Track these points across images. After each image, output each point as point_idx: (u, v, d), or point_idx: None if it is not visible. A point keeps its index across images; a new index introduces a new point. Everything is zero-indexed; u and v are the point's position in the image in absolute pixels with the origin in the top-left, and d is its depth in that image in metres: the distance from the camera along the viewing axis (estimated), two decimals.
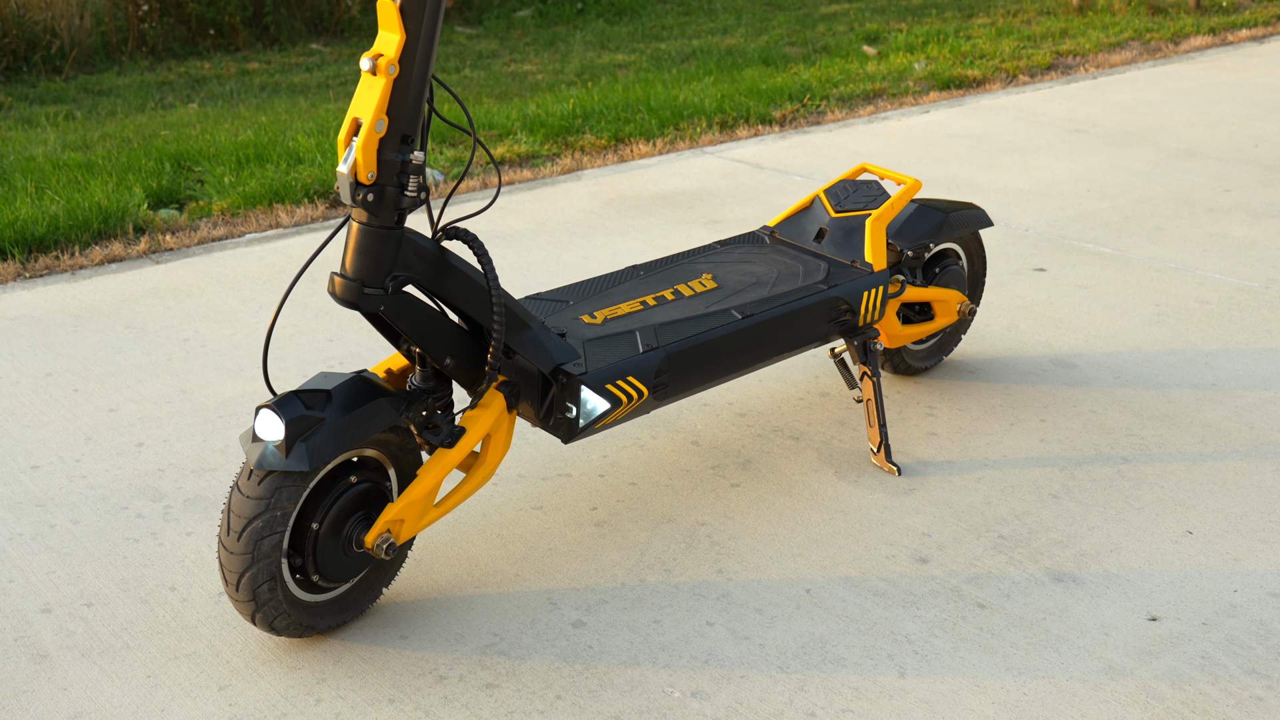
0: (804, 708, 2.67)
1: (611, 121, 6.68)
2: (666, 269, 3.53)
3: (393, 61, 2.56)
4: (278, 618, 2.72)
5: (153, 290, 4.65)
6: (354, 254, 2.68)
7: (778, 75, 7.83)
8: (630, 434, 3.69)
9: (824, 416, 3.80)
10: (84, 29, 10.20)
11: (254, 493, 2.65)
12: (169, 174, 5.86)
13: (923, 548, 3.19)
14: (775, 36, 9.75)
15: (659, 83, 7.70)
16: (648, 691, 2.71)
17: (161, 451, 3.58)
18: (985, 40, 8.84)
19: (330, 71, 9.81)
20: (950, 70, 7.82)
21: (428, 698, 2.69)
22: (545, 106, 7.06)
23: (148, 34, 10.54)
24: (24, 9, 9.90)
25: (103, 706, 2.64)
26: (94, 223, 5.15)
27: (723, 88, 7.44)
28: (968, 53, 8.39)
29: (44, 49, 10.12)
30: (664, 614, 2.96)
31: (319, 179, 5.72)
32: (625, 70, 8.85)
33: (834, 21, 10.49)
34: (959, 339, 4.08)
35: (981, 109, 7.09)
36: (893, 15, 10.60)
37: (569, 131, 6.56)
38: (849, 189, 3.72)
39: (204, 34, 10.75)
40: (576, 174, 6.01)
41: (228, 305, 4.51)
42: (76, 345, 4.19)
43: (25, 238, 5.00)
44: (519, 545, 3.20)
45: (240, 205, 5.45)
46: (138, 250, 5.02)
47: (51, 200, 5.35)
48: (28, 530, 3.23)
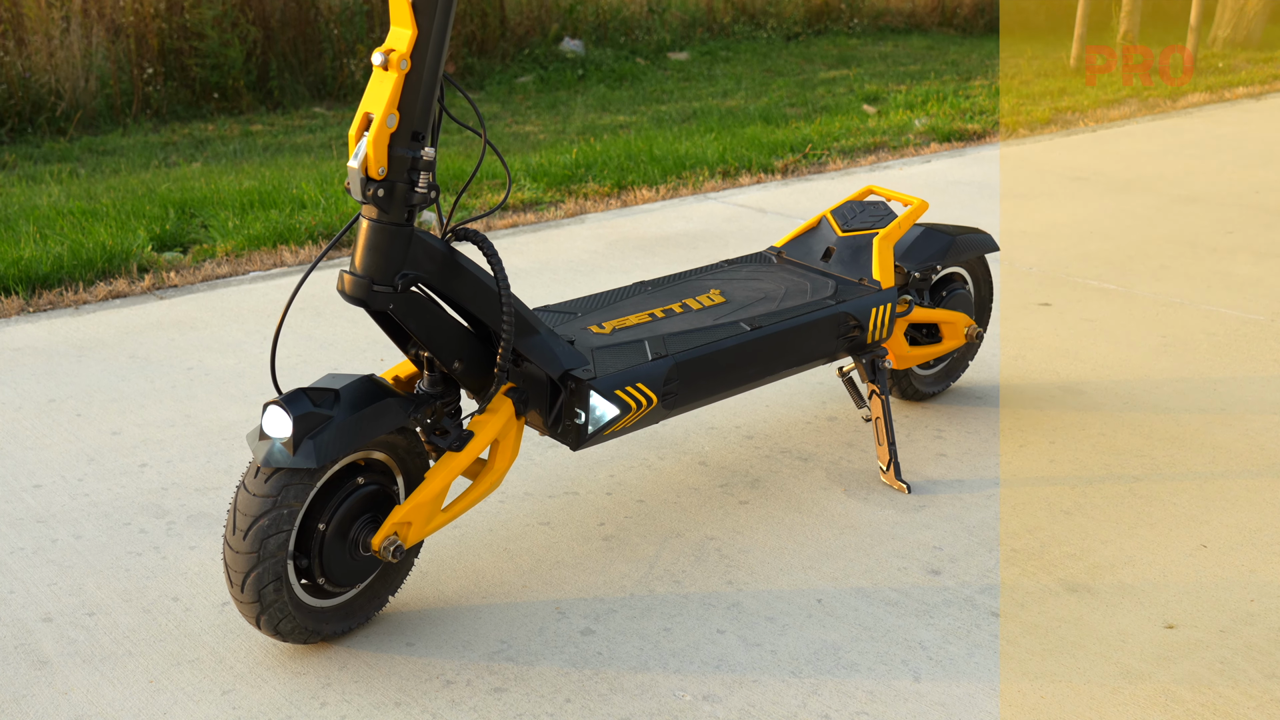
0: (818, 710, 2.62)
1: (614, 170, 6.71)
2: (674, 285, 3.52)
3: (404, 56, 2.56)
4: (283, 620, 2.68)
5: (156, 323, 4.64)
6: (364, 251, 2.67)
7: (779, 131, 7.88)
8: (637, 454, 3.66)
9: (832, 439, 3.77)
10: (89, 91, 10.28)
11: (260, 491, 2.62)
12: (173, 219, 5.87)
13: (935, 560, 3.16)
14: (775, 98, 9.82)
15: (660, 137, 7.75)
16: (658, 695, 2.67)
17: (165, 471, 3.55)
18: (984, 98, 8.92)
19: (333, 133, 9.87)
20: (950, 124, 7.88)
21: (435, 701, 2.64)
22: (548, 157, 7.09)
23: (152, 97, 10.61)
24: (29, 71, 9.98)
25: (104, 710, 2.59)
26: (98, 262, 5.14)
27: (724, 141, 7.48)
28: (967, 109, 8.45)
29: (49, 110, 10.18)
30: (674, 622, 2.92)
31: (324, 222, 5.73)
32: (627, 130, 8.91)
33: (833, 85, 10.57)
34: (966, 365, 4.07)
35: (982, 159, 7.13)
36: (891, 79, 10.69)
37: (572, 180, 6.59)
38: (856, 209, 3.72)
39: (208, 97, 10.82)
40: (580, 217, 6.02)
41: (231, 337, 4.49)
42: (80, 374, 4.17)
43: (29, 276, 5.00)
44: (526, 558, 3.16)
45: (244, 246, 5.46)
46: (141, 287, 5.01)
47: (56, 242, 5.35)
48: (29, 545, 3.19)
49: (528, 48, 11.96)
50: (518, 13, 11.93)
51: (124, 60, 10.45)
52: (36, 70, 9.97)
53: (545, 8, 12.24)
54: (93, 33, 10.36)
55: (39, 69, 9.96)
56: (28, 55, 10.05)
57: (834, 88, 10.43)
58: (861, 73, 11.17)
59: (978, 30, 13.55)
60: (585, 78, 11.76)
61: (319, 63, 11.24)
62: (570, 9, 12.31)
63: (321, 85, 11.25)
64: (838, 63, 11.75)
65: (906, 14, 13.61)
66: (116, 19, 10.49)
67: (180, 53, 10.67)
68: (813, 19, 13.21)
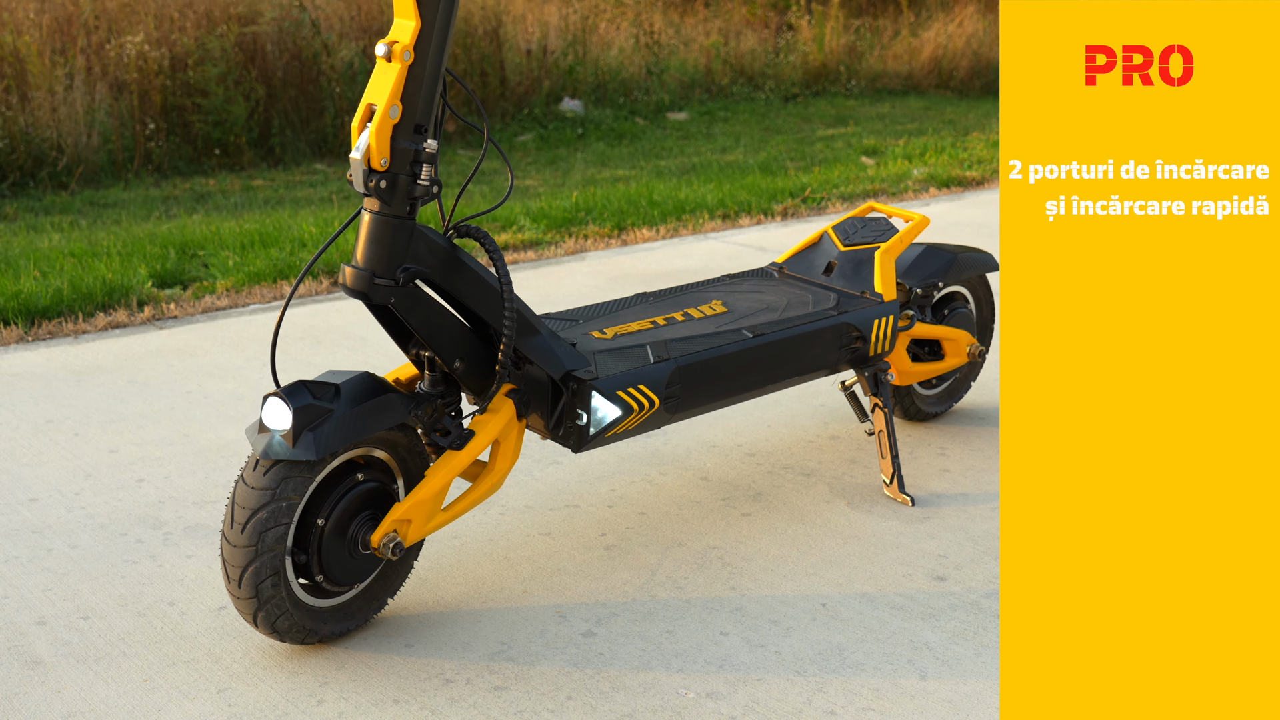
0: (823, 707, 2.58)
1: (614, 214, 6.72)
2: (675, 296, 3.51)
3: (408, 48, 2.57)
4: (280, 618, 2.64)
5: (155, 351, 4.62)
6: (365, 243, 2.66)
7: (778, 180, 7.91)
8: (638, 470, 3.63)
9: (834, 455, 3.74)
10: (91, 146, 10.33)
11: (259, 483, 2.59)
12: (174, 258, 5.86)
13: (940, 568, 3.12)
14: (774, 153, 9.87)
15: (660, 185, 7.78)
16: (661, 693, 2.62)
17: (162, 486, 3.52)
18: (983, 149, 8.97)
19: (334, 187, 9.91)
20: (948, 172, 7.91)
21: (434, 699, 2.60)
22: (548, 202, 7.12)
23: (154, 152, 10.66)
24: (32, 126, 10.03)
25: (97, 707, 2.55)
26: (98, 296, 5.14)
27: (724, 188, 7.51)
28: (965, 159, 8.49)
29: (50, 165, 10.23)
30: (676, 625, 2.88)
31: (324, 261, 5.73)
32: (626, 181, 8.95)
33: (832, 140, 10.64)
34: (969, 386, 4.05)
35: (981, 202, 7.15)
36: (889, 135, 10.75)
37: (572, 222, 6.61)
38: (857, 225, 3.72)
39: (210, 153, 10.87)
40: (580, 255, 6.03)
41: (231, 364, 4.47)
42: (78, 396, 4.15)
43: (29, 308, 4.99)
44: (526, 566, 3.13)
45: (245, 282, 5.46)
46: (141, 318, 5.00)
47: (56, 278, 5.35)
48: (24, 554, 3.16)
49: (527, 107, 12.04)
50: (517, 73, 12.02)
51: (127, 116, 10.51)
52: (39, 125, 10.03)
53: (545, 68, 12.33)
54: (96, 89, 10.43)
55: (42, 124, 10.02)
56: (31, 110, 10.11)
57: (832, 143, 10.49)
58: (860, 129, 11.24)
59: (974, 92, 13.65)
60: (584, 136, 11.82)
61: (320, 120, 11.30)
62: (570, 70, 12.40)
63: (323, 142, 11.31)
64: (835, 121, 11.82)
65: (904, 76, 13.71)
66: (120, 76, 10.56)
67: (183, 109, 10.72)
68: (810, 80, 13.30)
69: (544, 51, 12.36)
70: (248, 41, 11.08)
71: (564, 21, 12.64)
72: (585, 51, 12.67)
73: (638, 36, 12.65)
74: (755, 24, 14.43)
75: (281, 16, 11.11)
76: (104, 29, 10.91)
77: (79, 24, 10.92)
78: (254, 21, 11.19)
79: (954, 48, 13.96)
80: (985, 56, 13.98)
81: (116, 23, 11.05)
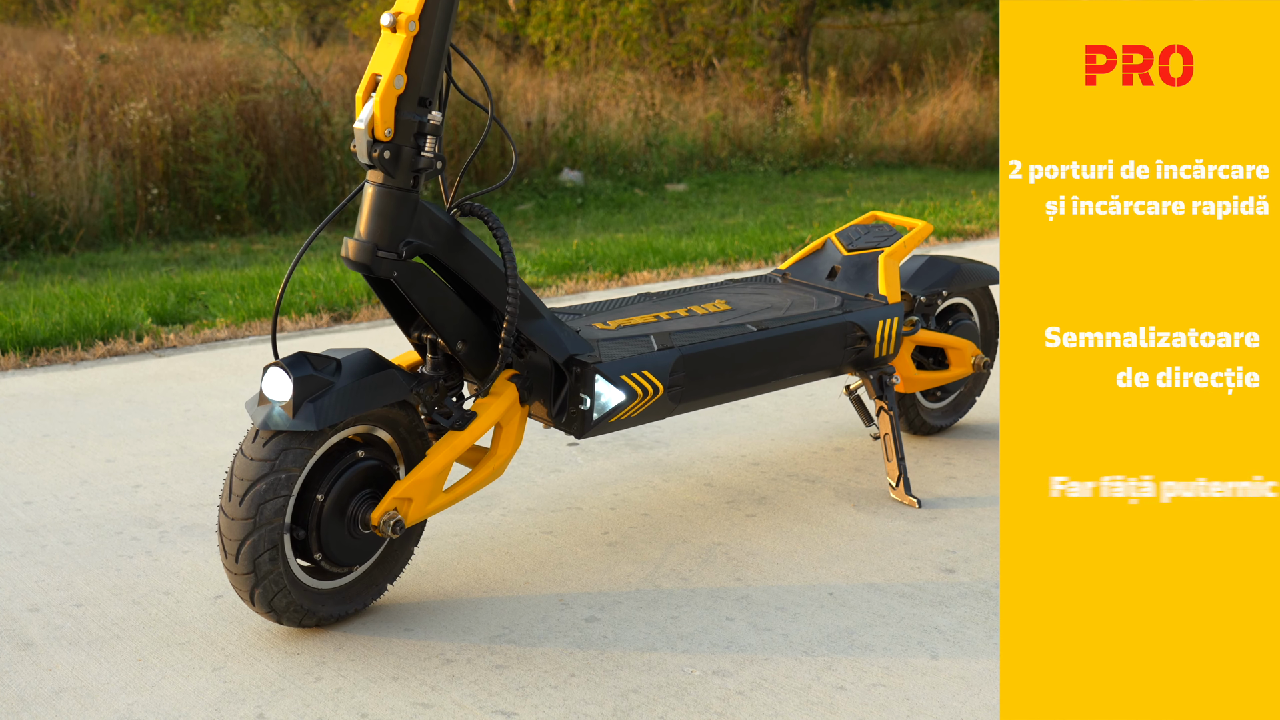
0: (832, 683, 2.52)
1: (615, 260, 6.73)
2: (678, 295, 3.49)
3: (413, 18, 2.57)
4: (277, 595, 2.58)
5: (154, 375, 4.59)
6: (369, 216, 2.65)
7: (778, 235, 7.93)
8: (641, 477, 3.59)
9: (840, 465, 3.70)
10: (92, 211, 10.36)
11: (258, 454, 2.55)
12: (173, 300, 5.85)
13: (948, 561, 3.07)
14: (773, 216, 9.91)
15: (661, 236, 7.79)
16: (666, 671, 2.57)
17: (159, 491, 3.47)
18: (982, 206, 9.00)
19: (334, 250, 9.94)
20: (949, 225, 7.93)
21: (434, 676, 2.54)
22: (549, 250, 7.12)
23: (155, 217, 10.70)
24: (35, 190, 10.08)
25: (89, 684, 2.49)
26: (97, 329, 5.11)
27: (725, 239, 7.53)
28: (964, 215, 8.52)
29: (52, 228, 10.26)
30: (681, 611, 2.82)
31: (324, 297, 5.72)
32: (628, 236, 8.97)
33: (830, 207, 10.69)
34: (973, 401, 4.02)
35: (981, 250, 7.15)
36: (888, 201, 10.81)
37: (573, 268, 6.61)
38: (860, 231, 3.71)
39: (210, 219, 10.91)
40: (580, 294, 6.02)
41: (229, 386, 4.44)
42: (75, 414, 4.11)
43: (27, 340, 4.96)
44: (528, 560, 3.07)
45: (244, 318, 5.44)
46: (140, 347, 4.98)
47: (55, 313, 5.33)
48: (17, 549, 3.10)
49: (527, 177, 12.11)
50: (518, 144, 12.10)
51: (129, 181, 10.55)
52: (42, 189, 10.07)
53: (545, 140, 12.42)
54: (99, 155, 10.49)
55: (44, 188, 10.06)
56: (34, 175, 10.15)
57: (831, 208, 10.54)
58: (857, 197, 11.30)
59: (971, 166, 13.74)
60: (584, 205, 11.88)
61: (321, 188, 11.35)
62: (569, 142, 12.49)
63: (323, 210, 11.35)
64: (833, 191, 11.89)
65: (900, 150, 13.81)
66: (123, 142, 10.63)
67: (185, 175, 10.77)
68: (808, 154, 13.40)
69: (544, 124, 12.46)
70: (249, 109, 11.16)
71: (564, 96, 12.76)
72: (585, 125, 12.77)
73: (637, 110, 12.76)
74: (753, 100, 14.57)
75: (281, 85, 11.20)
76: (108, 96, 11.00)
77: (84, 92, 11.02)
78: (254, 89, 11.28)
79: (950, 123, 14.08)
80: (982, 132, 14.09)
81: (120, 91, 11.14)
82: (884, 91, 15.44)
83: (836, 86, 14.14)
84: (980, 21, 18.14)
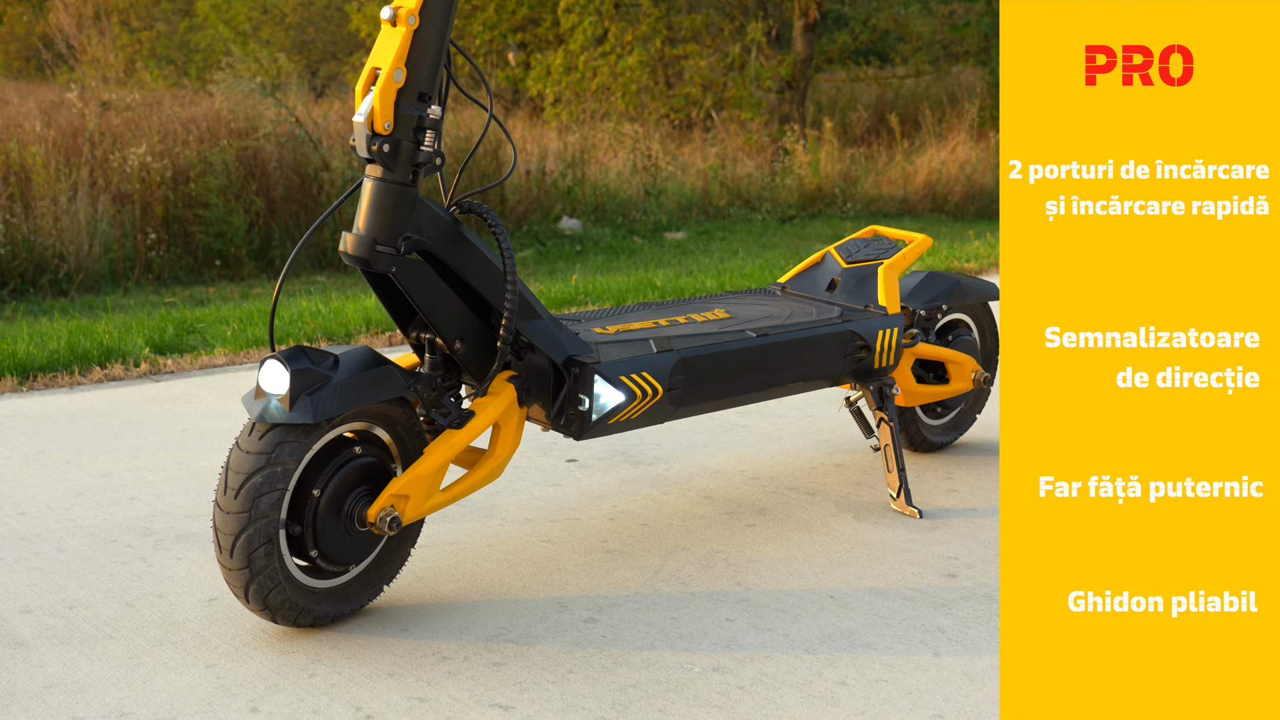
0: (834, 679, 2.49)
1: (614, 295, 6.72)
2: (678, 305, 3.48)
3: (413, 12, 2.58)
4: (272, 591, 2.55)
5: (151, 398, 4.57)
6: (367, 210, 2.64)
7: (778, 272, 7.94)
8: (640, 490, 3.56)
9: (840, 479, 3.68)
10: (92, 255, 10.38)
11: (254, 448, 2.53)
12: (171, 333, 5.84)
13: (950, 567, 3.04)
14: (772, 259, 9.93)
15: (661, 274, 7.80)
16: (665, 667, 2.54)
17: (154, 503, 3.44)
18: (981, 247, 9.02)
19: (331, 283, 9.96)
20: (948, 264, 7.94)
21: (430, 673, 2.51)
22: (547, 285, 7.12)
23: (154, 262, 10.72)
24: (35, 234, 10.09)
25: (80, 680, 2.46)
26: (95, 356, 5.10)
27: (724, 277, 7.53)
28: (964, 254, 8.54)
29: (52, 272, 10.27)
30: (681, 612, 2.79)
31: (324, 328, 5.71)
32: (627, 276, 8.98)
33: None
34: (974, 419, 4.00)
35: None
36: None
37: (572, 303, 6.60)
38: (860, 244, 3.71)
39: (210, 264, 10.93)
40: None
41: (227, 408, 4.42)
42: (71, 433, 4.08)
43: (24, 366, 4.94)
44: (526, 566, 3.04)
45: (243, 347, 5.42)
46: (137, 373, 4.96)
47: (53, 341, 5.32)
48: (10, 556, 3.07)
49: (526, 225, 12.14)
50: (517, 193, 12.14)
51: (129, 226, 10.57)
52: (42, 234, 10.08)
53: (544, 189, 12.47)
54: (99, 200, 10.51)
55: (44, 233, 10.07)
56: (34, 219, 10.17)
57: None
58: None
59: (969, 215, 13.78)
60: (583, 252, 11.90)
61: (320, 234, 11.36)
62: (569, 191, 12.53)
63: (323, 256, 11.36)
64: (832, 239, 11.91)
65: (899, 200, 13.86)
66: (123, 187, 10.66)
67: (184, 220, 10.80)
68: (806, 203, 13.44)
69: (543, 173, 12.51)
70: (248, 156, 11.21)
71: (563, 146, 12.82)
72: (584, 173, 12.82)
73: (635, 161, 12.82)
74: (751, 151, 14.64)
75: (281, 132, 11.26)
76: (108, 142, 11.04)
77: (84, 137, 11.06)
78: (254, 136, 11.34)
79: (948, 173, 14.14)
80: (979, 182, 14.15)
81: (121, 137, 11.18)
82: (881, 142, 15.51)
83: (834, 137, 14.21)
84: (977, 75, 18.25)
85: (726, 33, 16.78)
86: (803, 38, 16.15)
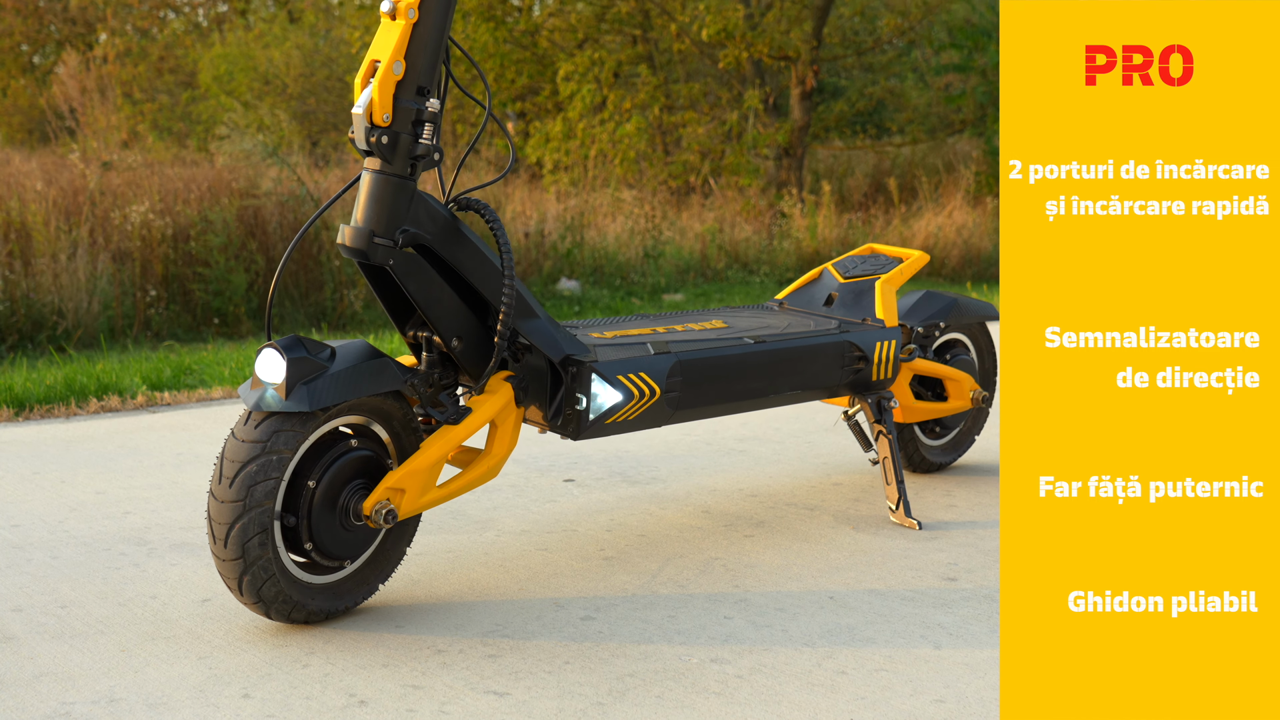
0: (834, 668, 2.46)
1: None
2: (675, 316, 3.49)
3: (412, 6, 2.60)
4: (266, 583, 2.53)
5: (148, 426, 4.55)
6: (365, 203, 2.65)
7: None
8: (638, 504, 3.54)
9: (838, 496, 3.66)
10: (91, 312, 10.39)
11: (249, 436, 2.52)
12: (169, 374, 5.84)
13: (950, 572, 3.02)
14: None
15: None
16: (663, 659, 2.51)
17: (149, 517, 3.42)
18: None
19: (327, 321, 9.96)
20: None
21: (425, 664, 2.48)
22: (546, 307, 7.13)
23: (153, 319, 10.73)
24: (34, 291, 10.11)
25: (70, 670, 2.43)
26: (92, 389, 5.09)
27: None
28: None
29: (50, 329, 10.27)
30: (679, 611, 2.77)
31: None
32: None
33: None
34: (973, 440, 3.98)
35: None
36: None
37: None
38: (857, 261, 3.72)
39: (208, 321, 10.93)
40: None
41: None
42: (67, 456, 4.06)
43: (21, 399, 4.93)
44: (523, 572, 3.02)
45: (241, 383, 5.41)
46: (134, 404, 4.95)
47: (50, 376, 5.31)
48: (2, 562, 3.05)
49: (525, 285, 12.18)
50: (516, 253, 12.19)
51: (128, 284, 10.59)
52: (41, 290, 10.10)
53: (543, 250, 12.51)
54: (99, 258, 10.55)
55: (44, 289, 10.09)
56: (33, 276, 10.20)
57: None
58: None
59: (966, 278, 13.84)
60: (582, 313, 11.91)
61: (320, 293, 11.39)
62: (568, 252, 12.58)
63: (322, 315, 11.38)
64: None
65: None
66: (123, 245, 10.69)
67: (184, 278, 10.82)
68: (804, 265, 13.48)
69: (542, 235, 12.58)
70: (249, 215, 11.26)
71: (563, 210, 12.89)
72: (582, 236, 12.88)
73: (634, 224, 12.88)
74: (749, 215, 14.71)
75: (281, 191, 11.32)
76: (109, 201, 11.09)
77: (85, 196, 11.11)
78: (254, 195, 11.40)
79: (945, 237, 14.19)
80: (976, 246, 14.20)
81: (122, 196, 11.24)
82: (879, 207, 15.60)
83: (831, 202, 14.28)
84: (973, 145, 18.39)
85: (724, 101, 16.93)
86: (800, 105, 16.27)
